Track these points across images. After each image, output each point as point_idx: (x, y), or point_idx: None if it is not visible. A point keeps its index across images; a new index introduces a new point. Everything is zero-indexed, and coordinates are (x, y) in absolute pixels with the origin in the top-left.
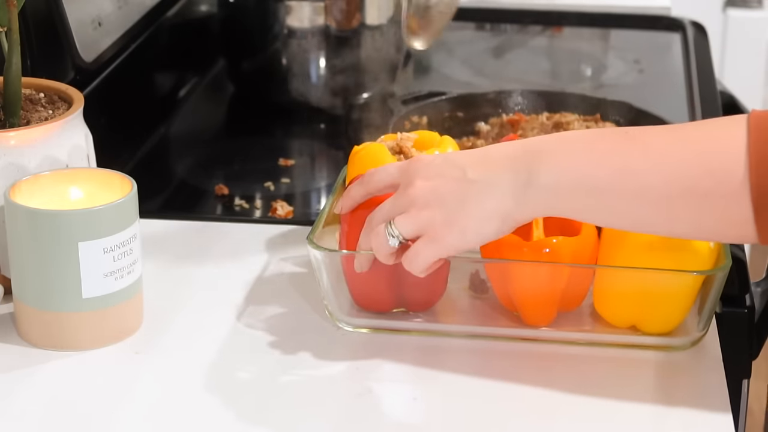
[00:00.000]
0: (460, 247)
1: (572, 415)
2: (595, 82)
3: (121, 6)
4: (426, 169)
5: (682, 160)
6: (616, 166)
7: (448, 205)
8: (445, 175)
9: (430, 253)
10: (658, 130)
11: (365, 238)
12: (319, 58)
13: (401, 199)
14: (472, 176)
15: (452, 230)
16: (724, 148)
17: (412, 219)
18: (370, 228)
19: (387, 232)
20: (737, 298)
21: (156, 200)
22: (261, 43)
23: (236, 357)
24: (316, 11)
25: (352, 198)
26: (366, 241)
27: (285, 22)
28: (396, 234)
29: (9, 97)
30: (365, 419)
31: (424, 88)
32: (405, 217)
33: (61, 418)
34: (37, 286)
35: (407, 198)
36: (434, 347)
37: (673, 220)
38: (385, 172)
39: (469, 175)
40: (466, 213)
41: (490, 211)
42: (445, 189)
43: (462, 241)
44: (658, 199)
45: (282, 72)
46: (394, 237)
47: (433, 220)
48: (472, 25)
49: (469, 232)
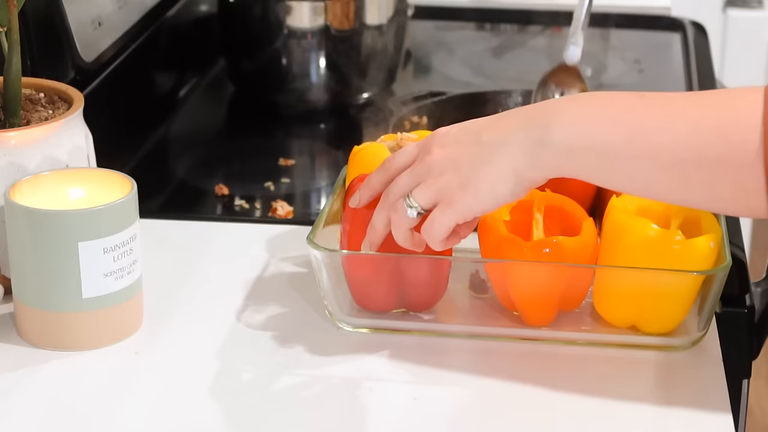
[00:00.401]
0: (474, 209)
1: (572, 415)
2: (595, 82)
3: (121, 6)
4: (442, 138)
5: (696, 125)
6: (629, 127)
7: (462, 170)
8: (461, 141)
9: (446, 219)
10: (673, 96)
11: (380, 213)
12: (319, 58)
13: (417, 169)
14: (486, 139)
15: (466, 193)
16: (740, 117)
17: (429, 187)
18: (386, 203)
19: (405, 204)
20: (737, 298)
21: (156, 200)
22: (261, 43)
23: (236, 357)
24: (316, 11)
25: (372, 187)
26: (381, 218)
27: (285, 22)
28: (414, 205)
29: (9, 97)
30: (365, 419)
31: (424, 88)
32: (422, 186)
33: (61, 418)
34: (37, 286)
35: (424, 167)
36: (434, 347)
37: (685, 186)
38: (403, 153)
39: (483, 138)
40: (479, 174)
41: (503, 171)
42: (460, 154)
43: (476, 202)
44: (670, 163)
45: (282, 72)
46: (412, 208)
47: (448, 186)
48: (472, 25)
49: (483, 193)
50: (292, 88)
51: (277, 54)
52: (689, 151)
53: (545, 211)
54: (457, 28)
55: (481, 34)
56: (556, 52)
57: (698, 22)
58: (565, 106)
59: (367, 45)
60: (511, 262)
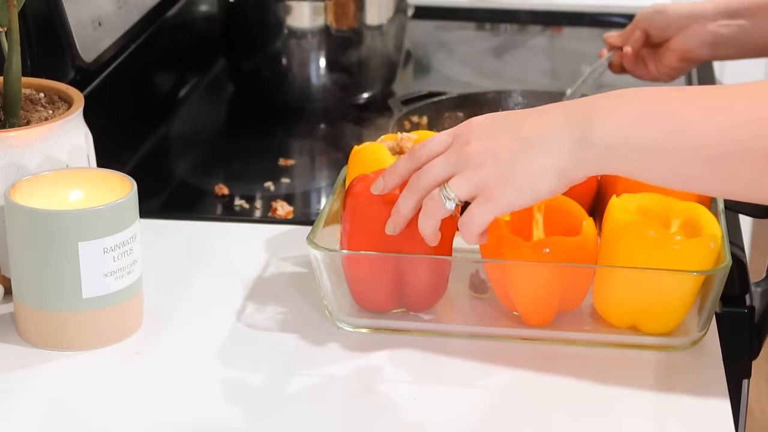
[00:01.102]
0: (515, 205)
1: (572, 414)
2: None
3: (121, 6)
4: (479, 129)
5: (737, 117)
6: (671, 121)
7: (502, 164)
8: (499, 133)
9: (486, 213)
10: (710, 89)
11: (410, 197)
12: (319, 58)
13: (454, 158)
14: (526, 133)
15: (507, 188)
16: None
17: (468, 179)
18: (416, 187)
19: (442, 195)
20: (737, 298)
21: (156, 200)
22: (261, 43)
23: (236, 357)
24: (316, 11)
25: (400, 174)
26: (409, 201)
27: (285, 22)
28: (452, 196)
29: (9, 97)
30: (365, 419)
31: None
32: (460, 177)
33: (61, 418)
34: (37, 286)
35: (462, 158)
36: (434, 347)
37: (728, 178)
38: (435, 141)
39: (522, 132)
40: (521, 170)
41: (545, 168)
42: (499, 147)
43: (517, 198)
44: (714, 155)
45: (282, 72)
46: (450, 200)
47: (488, 179)
48: (472, 25)
49: (525, 190)
50: (292, 88)
51: (277, 54)
52: (732, 143)
53: (545, 211)
54: (457, 28)
55: (481, 34)
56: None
57: None
58: (605, 104)
59: (367, 45)
60: (511, 262)
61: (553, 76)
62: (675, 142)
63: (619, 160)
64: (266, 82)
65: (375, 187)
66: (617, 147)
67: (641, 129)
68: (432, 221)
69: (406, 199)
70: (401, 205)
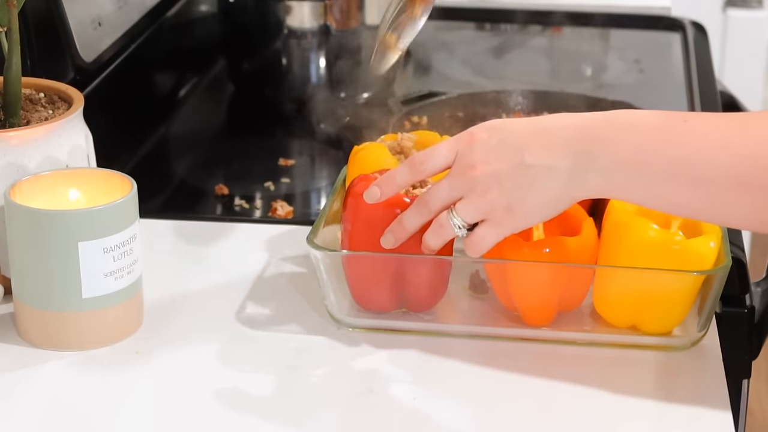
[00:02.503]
0: (522, 228)
1: (572, 414)
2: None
3: (121, 6)
4: (484, 153)
5: (739, 153)
6: (672, 156)
7: (509, 191)
8: (503, 159)
9: (495, 236)
10: (716, 120)
11: (415, 217)
12: (319, 58)
13: (459, 182)
14: (531, 161)
15: (516, 215)
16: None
17: (475, 205)
18: (425, 210)
19: (452, 222)
20: (737, 298)
21: (156, 200)
22: (261, 43)
23: (236, 357)
24: (316, 11)
25: (398, 185)
26: (415, 221)
27: (285, 22)
28: (462, 224)
29: (9, 97)
30: (365, 419)
31: (424, 88)
32: (467, 203)
33: (61, 418)
34: (37, 286)
35: (467, 183)
36: (434, 347)
37: (728, 212)
38: (438, 156)
39: (527, 159)
40: (528, 198)
41: (550, 196)
42: (505, 174)
43: (525, 224)
44: (713, 192)
45: (282, 72)
46: (461, 228)
47: (495, 205)
48: (472, 25)
49: (531, 216)
50: (293, 88)
51: (277, 54)
52: (732, 181)
53: None
54: (457, 28)
55: (481, 34)
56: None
57: (698, 22)
58: (609, 134)
59: (367, 45)
60: (511, 262)
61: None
62: (676, 179)
63: (620, 188)
64: (266, 82)
65: (370, 196)
66: (618, 178)
67: (642, 164)
68: (440, 242)
69: (412, 218)
70: (407, 223)
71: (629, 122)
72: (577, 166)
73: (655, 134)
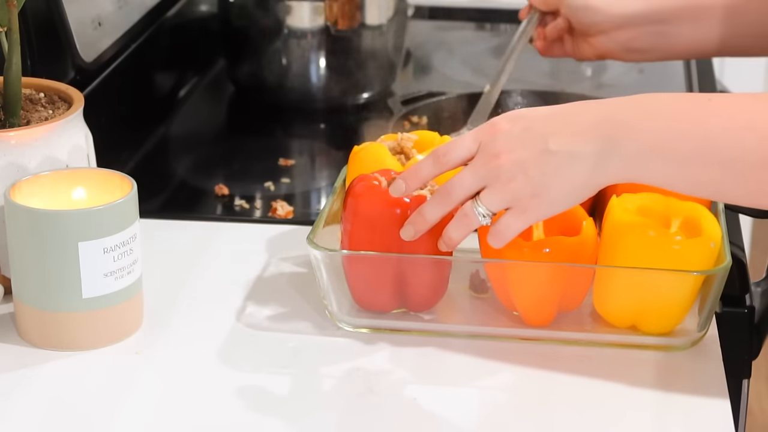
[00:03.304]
0: (548, 215)
1: (572, 414)
2: (595, 82)
3: (121, 6)
4: (507, 141)
5: (766, 131)
6: (700, 139)
7: (534, 178)
8: (528, 146)
9: (520, 225)
10: (740, 99)
11: (437, 207)
12: (319, 58)
13: (483, 171)
14: (555, 147)
15: (541, 202)
16: None
17: (499, 194)
18: (447, 200)
19: (476, 211)
20: (737, 298)
21: (156, 200)
22: (261, 43)
23: (236, 357)
24: (316, 11)
25: (422, 178)
26: (436, 211)
27: (285, 22)
28: (486, 213)
29: (9, 97)
30: (365, 419)
31: (424, 88)
32: (491, 192)
33: (61, 418)
34: (37, 286)
35: (491, 171)
36: (434, 347)
37: (757, 191)
38: (460, 147)
39: (551, 146)
40: (553, 185)
41: (576, 182)
42: (530, 161)
43: (551, 211)
44: (741, 171)
45: (282, 72)
46: (485, 216)
47: (520, 193)
48: (472, 25)
49: (558, 203)
50: (292, 88)
51: (277, 54)
52: (760, 159)
53: None
54: (457, 28)
55: (481, 34)
56: None
57: None
58: (633, 119)
59: (367, 45)
60: (511, 262)
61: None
62: (703, 160)
63: (647, 172)
64: (266, 82)
65: (395, 190)
66: (644, 162)
67: (668, 148)
68: (464, 233)
69: (434, 209)
70: (428, 214)
71: (653, 106)
72: (602, 152)
73: (680, 117)
